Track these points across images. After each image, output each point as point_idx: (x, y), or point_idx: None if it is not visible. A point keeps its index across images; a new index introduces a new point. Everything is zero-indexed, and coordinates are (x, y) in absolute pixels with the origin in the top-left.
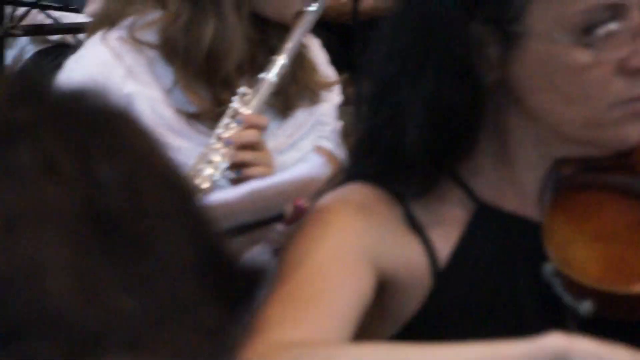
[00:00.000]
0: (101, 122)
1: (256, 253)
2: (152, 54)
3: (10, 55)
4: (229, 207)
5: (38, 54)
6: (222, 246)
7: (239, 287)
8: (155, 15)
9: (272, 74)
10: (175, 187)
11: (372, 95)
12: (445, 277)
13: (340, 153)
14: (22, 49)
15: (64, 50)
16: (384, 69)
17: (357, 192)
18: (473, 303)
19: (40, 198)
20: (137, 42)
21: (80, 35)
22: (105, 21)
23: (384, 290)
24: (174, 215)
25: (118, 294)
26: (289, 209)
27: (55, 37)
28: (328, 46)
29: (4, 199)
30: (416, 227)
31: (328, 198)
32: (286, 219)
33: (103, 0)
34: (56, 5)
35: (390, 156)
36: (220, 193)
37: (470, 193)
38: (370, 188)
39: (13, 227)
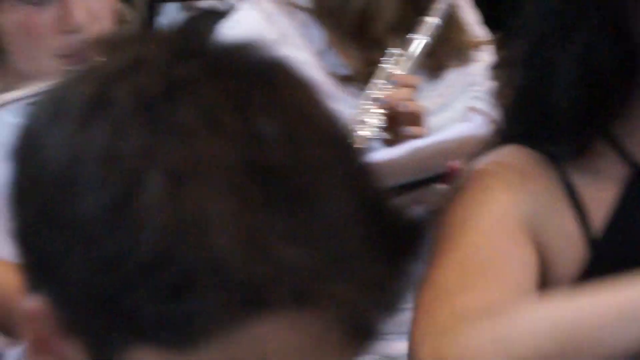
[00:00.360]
0: (261, 75)
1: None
2: (304, 16)
3: (160, 22)
4: (391, 165)
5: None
6: (385, 199)
7: (402, 241)
8: None
9: (423, 35)
10: (336, 139)
11: (523, 55)
12: (601, 246)
13: (494, 114)
14: (171, 16)
15: (213, 17)
16: (535, 29)
17: (514, 155)
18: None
19: (204, 153)
20: (289, 5)
21: (231, 1)
22: None
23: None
24: (336, 168)
25: (282, 245)
26: (446, 170)
27: (204, 4)
28: (479, 6)
29: (169, 155)
30: (571, 191)
31: (486, 161)
32: (444, 179)
33: None
34: None
35: (542, 116)
36: (382, 152)
37: (626, 155)
38: (525, 151)
39: (180, 181)
